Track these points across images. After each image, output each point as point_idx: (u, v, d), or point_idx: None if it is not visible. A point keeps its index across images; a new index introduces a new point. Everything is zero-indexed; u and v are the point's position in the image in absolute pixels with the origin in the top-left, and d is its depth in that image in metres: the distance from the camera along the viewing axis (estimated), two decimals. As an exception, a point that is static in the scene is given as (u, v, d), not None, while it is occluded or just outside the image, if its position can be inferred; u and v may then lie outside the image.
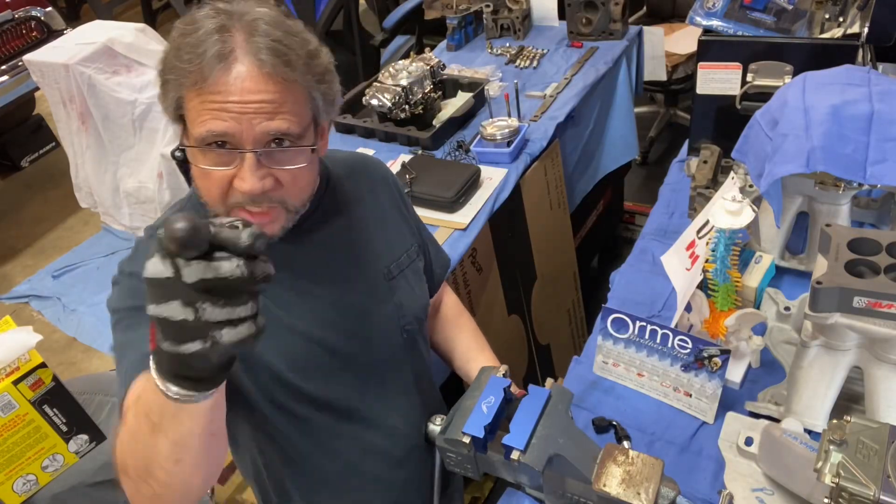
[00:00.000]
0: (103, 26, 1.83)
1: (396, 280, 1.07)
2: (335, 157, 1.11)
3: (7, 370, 1.31)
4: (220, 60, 0.78)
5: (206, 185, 0.85)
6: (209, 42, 0.78)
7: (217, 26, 0.79)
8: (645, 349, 1.12)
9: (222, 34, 0.78)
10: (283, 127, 0.81)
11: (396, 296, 1.07)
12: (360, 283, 1.04)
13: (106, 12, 5.29)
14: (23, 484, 1.36)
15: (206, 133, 0.80)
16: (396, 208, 1.13)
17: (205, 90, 0.79)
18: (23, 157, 3.81)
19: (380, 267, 1.06)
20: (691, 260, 1.18)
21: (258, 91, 0.79)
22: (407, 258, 1.11)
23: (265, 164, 0.82)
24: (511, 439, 0.86)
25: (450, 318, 1.30)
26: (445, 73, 2.07)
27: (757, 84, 1.43)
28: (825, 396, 0.99)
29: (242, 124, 0.79)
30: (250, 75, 0.79)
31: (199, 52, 0.78)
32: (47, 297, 1.77)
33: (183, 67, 0.79)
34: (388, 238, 1.09)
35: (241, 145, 0.81)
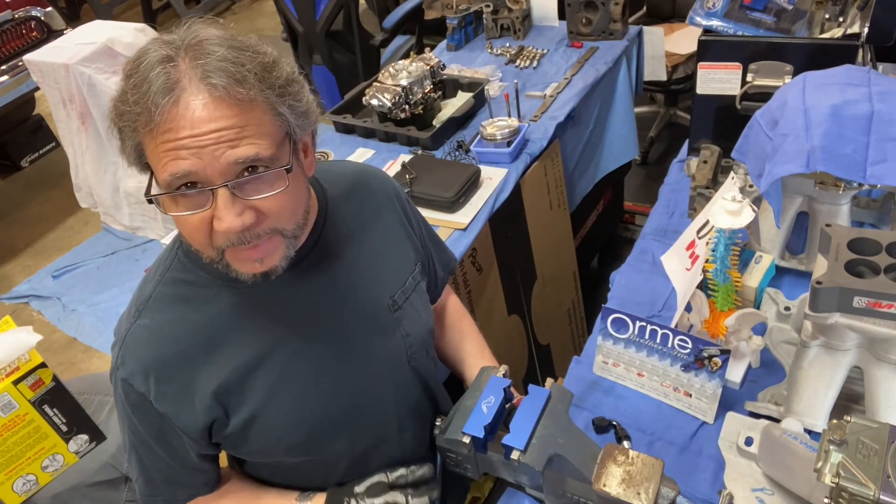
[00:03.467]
0: (103, 26, 1.83)
1: (402, 310, 1.03)
2: (334, 175, 1.05)
3: (7, 370, 1.31)
4: (166, 94, 0.71)
5: (188, 233, 0.80)
6: (152, 77, 0.71)
7: (160, 58, 0.72)
8: (645, 349, 1.12)
9: (165, 65, 0.72)
10: (251, 153, 0.74)
11: (402, 326, 1.03)
12: (365, 324, 0.99)
13: (106, 12, 5.29)
14: (23, 484, 1.36)
15: (169, 177, 0.74)
16: (402, 226, 1.09)
17: (157, 131, 0.72)
18: (23, 157, 3.81)
19: (384, 299, 1.01)
20: (691, 260, 1.18)
21: (213, 119, 0.72)
22: (412, 281, 1.06)
23: (241, 196, 0.76)
24: (511, 439, 0.86)
25: (453, 323, 1.29)
26: (445, 73, 2.07)
27: (757, 84, 1.43)
28: (825, 396, 0.98)
29: (204, 159, 0.72)
30: (202, 103, 0.71)
31: (143, 90, 0.71)
32: (47, 297, 1.77)
33: (129, 111, 0.73)
34: (393, 264, 1.05)
35: (211, 182, 0.74)
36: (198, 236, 0.79)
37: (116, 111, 0.75)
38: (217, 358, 0.90)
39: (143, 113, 0.72)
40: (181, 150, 0.72)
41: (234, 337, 0.90)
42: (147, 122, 0.72)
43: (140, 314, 0.90)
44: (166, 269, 0.92)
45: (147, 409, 0.90)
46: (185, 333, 0.89)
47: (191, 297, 0.90)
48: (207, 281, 0.90)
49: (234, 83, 0.73)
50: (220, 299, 0.90)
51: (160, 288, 0.91)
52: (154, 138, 0.73)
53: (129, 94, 0.73)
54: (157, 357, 0.88)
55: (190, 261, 0.91)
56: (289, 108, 0.79)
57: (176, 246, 0.93)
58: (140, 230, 1.89)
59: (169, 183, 0.74)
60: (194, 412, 0.90)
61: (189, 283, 0.91)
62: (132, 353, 0.89)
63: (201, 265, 0.89)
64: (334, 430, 0.98)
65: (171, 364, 0.88)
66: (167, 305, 0.90)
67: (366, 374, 0.99)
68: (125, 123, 0.74)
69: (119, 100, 0.75)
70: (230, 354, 0.90)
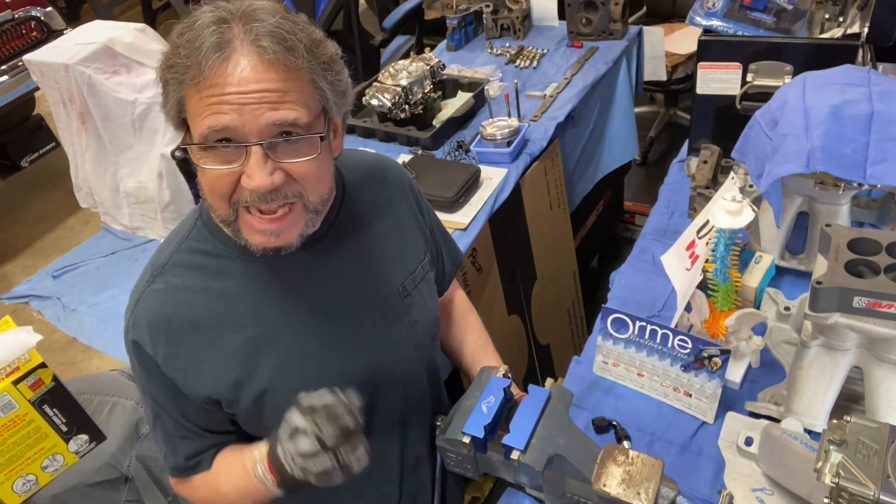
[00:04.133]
0: (103, 26, 1.83)
1: (411, 297, 1.04)
2: (352, 163, 1.06)
3: (7, 370, 1.31)
4: (217, 51, 0.74)
5: (212, 187, 0.81)
6: (206, 34, 0.75)
7: (214, 19, 0.76)
8: (645, 349, 1.12)
9: (220, 25, 0.75)
10: (290, 117, 0.77)
11: (411, 313, 1.04)
12: (376, 307, 1.01)
13: (106, 12, 5.29)
14: (23, 484, 1.36)
15: (206, 130, 0.76)
16: (413, 216, 1.10)
17: (203, 84, 0.75)
18: (23, 157, 3.81)
19: (395, 285, 1.03)
20: (691, 260, 1.18)
21: (260, 80, 0.75)
22: (421, 271, 1.07)
23: (273, 157, 0.78)
24: (511, 439, 0.86)
25: (459, 318, 1.29)
26: (445, 73, 2.07)
27: (757, 84, 1.43)
28: (825, 396, 0.98)
29: (245, 116, 0.75)
30: (250, 64, 0.75)
31: (196, 45, 0.74)
32: (47, 297, 1.76)
33: (180, 63, 0.76)
34: (404, 251, 1.06)
35: (246, 139, 0.77)
36: (220, 189, 0.80)
37: (166, 63, 0.78)
38: (228, 329, 0.91)
39: (192, 66, 0.75)
40: (224, 105, 0.75)
41: (245, 310, 0.91)
42: (195, 75, 0.75)
43: (154, 279, 0.91)
44: (185, 237, 0.93)
45: (159, 374, 0.91)
46: (197, 301, 0.90)
47: (206, 266, 0.91)
48: (224, 252, 0.91)
49: (285, 50, 0.76)
50: (235, 272, 0.91)
51: (177, 255, 0.92)
52: (199, 91, 0.76)
53: (181, 48, 0.76)
54: (167, 320, 0.89)
55: (209, 231, 0.92)
56: (329, 84, 0.82)
57: (196, 216, 0.94)
58: (140, 230, 1.89)
59: (206, 136, 0.77)
60: (201, 382, 0.91)
61: (206, 252, 0.92)
62: (143, 315, 0.90)
63: (220, 236, 0.91)
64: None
65: (181, 329, 0.89)
66: (182, 272, 0.91)
67: (374, 356, 1.00)
68: (173, 75, 0.77)
69: (171, 53, 0.77)
70: (241, 327, 0.91)
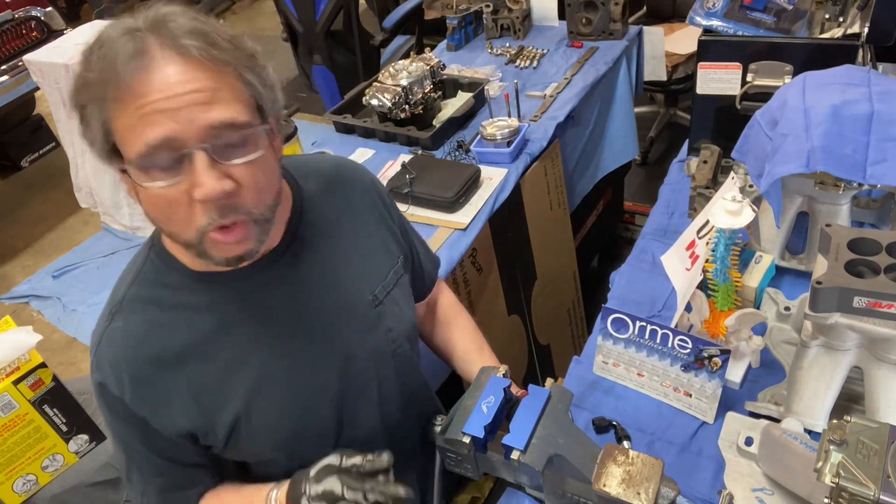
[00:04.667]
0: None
1: (384, 304, 1.01)
2: (309, 169, 1.01)
3: (7, 370, 1.31)
4: (135, 58, 0.68)
5: (166, 212, 0.75)
6: (118, 46, 0.68)
7: (124, 30, 0.70)
8: (645, 349, 1.12)
9: (132, 34, 0.70)
10: (227, 116, 0.72)
11: (385, 321, 1.01)
12: (348, 319, 0.97)
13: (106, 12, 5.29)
14: (23, 484, 1.36)
15: (143, 147, 0.69)
16: (381, 219, 1.06)
17: (128, 98, 0.69)
18: (23, 157, 3.81)
19: (366, 295, 1.00)
20: (691, 260, 1.18)
21: (188, 81, 0.69)
22: (394, 276, 1.05)
23: (219, 161, 0.72)
24: (511, 439, 0.86)
25: (448, 319, 1.28)
26: (445, 73, 2.07)
27: (757, 84, 1.43)
28: (825, 396, 0.98)
29: (180, 122, 0.69)
30: (175, 66, 0.69)
31: (110, 59, 0.68)
32: (47, 297, 1.77)
33: (96, 79, 0.69)
34: (373, 258, 1.03)
35: (186, 146, 0.71)
36: (178, 212, 0.74)
37: (80, 83, 0.71)
38: (193, 360, 0.88)
39: (110, 80, 0.69)
40: (155, 115, 0.69)
41: (210, 338, 0.88)
42: (115, 90, 0.69)
43: (113, 317, 0.88)
44: (139, 270, 0.90)
45: (126, 414, 0.88)
46: (159, 335, 0.87)
47: (164, 299, 0.88)
48: (182, 282, 0.88)
49: (207, 45, 0.71)
50: (196, 301, 0.88)
51: (133, 289, 0.89)
52: (124, 108, 0.69)
53: (93, 64, 0.70)
54: (130, 359, 0.86)
55: (163, 262, 0.89)
56: (258, 78, 0.77)
57: (148, 247, 0.91)
58: (140, 230, 1.89)
59: (143, 154, 0.70)
60: (173, 417, 0.88)
61: (163, 284, 0.89)
62: (106, 356, 0.87)
63: (176, 266, 0.88)
64: (320, 426, 0.97)
65: (146, 366, 0.86)
66: (141, 307, 0.88)
67: (349, 369, 0.98)
68: (91, 96, 0.70)
69: (82, 72, 0.71)
70: (207, 356, 0.88)
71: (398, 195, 1.71)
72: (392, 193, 1.72)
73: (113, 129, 0.71)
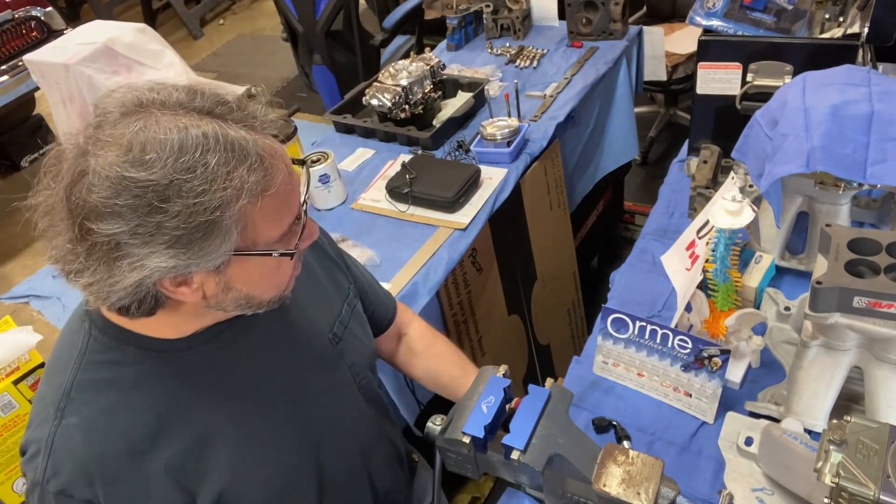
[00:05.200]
0: (103, 26, 1.83)
1: (343, 340, 1.01)
2: None
3: (7, 370, 1.31)
4: (260, 167, 0.71)
5: (276, 276, 0.80)
6: (240, 155, 0.69)
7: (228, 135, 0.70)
8: (645, 349, 1.12)
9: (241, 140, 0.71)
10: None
11: (346, 357, 1.01)
12: (312, 364, 0.96)
13: (106, 12, 5.30)
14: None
15: (285, 226, 0.76)
16: (323, 254, 1.06)
17: (261, 195, 0.71)
18: (23, 157, 3.81)
19: (325, 334, 0.98)
20: (691, 260, 1.18)
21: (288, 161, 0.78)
22: (348, 308, 1.04)
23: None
24: (511, 439, 0.86)
25: (425, 349, 1.24)
26: (445, 73, 2.07)
27: (757, 84, 1.43)
28: (825, 396, 0.98)
29: (298, 199, 0.79)
30: (285, 161, 0.76)
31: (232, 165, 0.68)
32: (47, 297, 1.76)
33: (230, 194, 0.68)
34: (324, 296, 1.01)
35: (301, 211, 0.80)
36: (286, 271, 0.81)
37: (235, 190, 0.68)
38: (165, 440, 0.81)
39: (256, 177, 0.71)
40: (287, 197, 0.76)
41: (178, 411, 0.82)
42: (264, 184, 0.71)
43: (63, 413, 0.78)
44: (81, 353, 0.80)
45: None
46: (124, 422, 0.79)
47: (119, 380, 0.80)
48: (136, 357, 0.80)
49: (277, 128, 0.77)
50: (156, 375, 0.81)
51: (80, 376, 0.79)
52: (256, 203, 0.71)
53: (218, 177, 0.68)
54: (98, 457, 0.78)
55: (111, 337, 0.80)
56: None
57: (87, 325, 0.82)
58: (140, 230, 1.89)
59: (285, 232, 0.76)
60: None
61: (113, 363, 0.80)
62: (67, 460, 0.77)
63: (128, 339, 0.80)
64: (305, 477, 0.95)
65: (117, 461, 0.78)
66: (94, 395, 0.79)
67: (322, 414, 0.96)
68: (244, 199, 0.70)
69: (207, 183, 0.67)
70: (179, 431, 0.82)
71: (398, 195, 1.71)
72: (392, 193, 1.72)
73: (247, 227, 0.72)
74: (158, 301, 0.74)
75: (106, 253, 0.67)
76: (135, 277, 0.67)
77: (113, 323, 0.80)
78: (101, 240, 0.66)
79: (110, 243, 0.66)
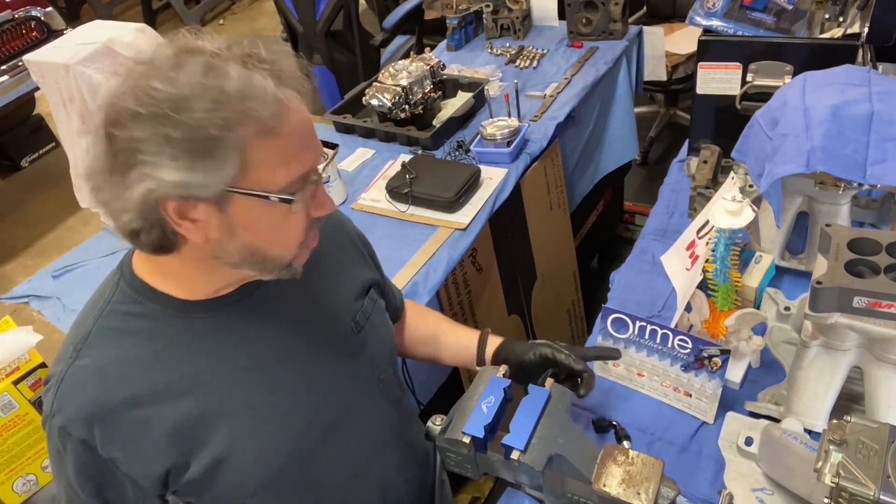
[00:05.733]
0: (103, 26, 1.83)
1: (365, 331, 1.00)
2: None
3: (7, 370, 1.31)
4: (277, 102, 0.73)
5: (278, 234, 0.79)
6: (255, 85, 0.72)
7: (243, 68, 0.73)
8: (645, 349, 1.12)
9: (258, 71, 0.73)
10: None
11: (368, 348, 1.00)
12: (331, 347, 0.95)
13: (106, 12, 5.30)
14: (23, 484, 1.36)
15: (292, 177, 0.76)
16: (354, 247, 1.06)
17: (271, 137, 0.73)
18: (23, 157, 3.82)
19: (347, 321, 0.98)
20: (691, 260, 1.18)
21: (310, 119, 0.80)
22: (370, 301, 1.03)
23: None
24: (511, 439, 0.86)
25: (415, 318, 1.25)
26: (445, 73, 2.07)
27: (757, 84, 1.43)
28: (825, 396, 0.99)
29: (316, 154, 0.80)
30: (303, 108, 0.78)
31: (245, 97, 0.70)
32: (47, 297, 1.77)
33: (232, 118, 0.70)
34: (351, 287, 1.01)
35: (316, 173, 0.80)
36: (291, 232, 0.80)
37: (209, 113, 0.70)
38: (170, 399, 0.82)
39: (250, 120, 0.72)
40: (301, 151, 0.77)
41: (190, 373, 0.83)
42: (258, 128, 0.72)
43: (78, 354, 0.81)
44: (107, 301, 0.83)
45: (86, 460, 0.81)
46: (132, 372, 0.81)
47: (137, 331, 0.82)
48: (157, 312, 0.82)
49: (304, 77, 0.79)
50: (173, 332, 0.83)
51: (101, 322, 0.82)
52: (267, 145, 0.73)
53: (223, 102, 0.70)
54: (101, 401, 0.79)
55: (136, 291, 0.83)
56: None
57: (117, 277, 0.85)
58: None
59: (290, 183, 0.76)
60: (147, 458, 0.82)
61: (135, 315, 0.82)
62: (71, 399, 0.80)
63: (151, 295, 0.82)
64: (307, 464, 0.94)
65: (119, 407, 0.80)
66: (109, 341, 0.82)
67: (337, 399, 0.95)
68: (229, 131, 0.71)
69: (207, 102, 0.70)
70: (185, 394, 0.82)
71: (398, 195, 1.71)
72: (392, 193, 1.72)
73: (250, 161, 0.72)
74: (166, 234, 0.75)
75: (123, 163, 0.70)
76: (141, 190, 0.70)
77: (139, 278, 0.83)
78: (121, 146, 0.70)
79: (127, 151, 0.70)
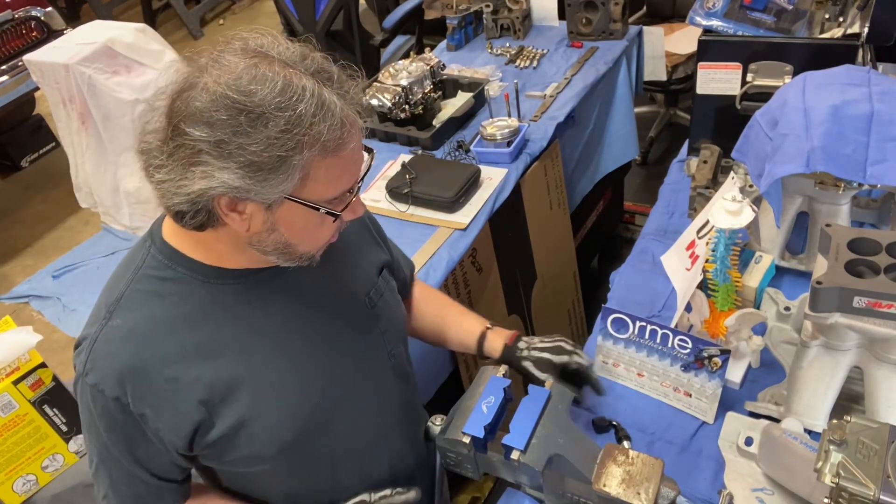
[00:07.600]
0: (103, 26, 1.83)
1: (378, 307, 1.04)
2: None
3: (7, 370, 1.31)
4: (342, 127, 0.78)
5: (313, 233, 0.86)
6: (329, 99, 0.77)
7: (319, 92, 0.77)
8: (645, 349, 1.12)
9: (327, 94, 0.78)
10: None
11: (381, 323, 1.04)
12: (347, 320, 1.00)
13: (106, 12, 5.29)
14: (23, 484, 1.36)
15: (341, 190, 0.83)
16: (366, 229, 1.10)
17: (331, 155, 0.79)
18: (23, 157, 3.81)
19: (361, 296, 1.02)
20: (691, 260, 1.18)
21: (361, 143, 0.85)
22: (383, 281, 1.07)
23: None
24: (511, 439, 0.86)
25: (424, 299, 1.27)
26: (445, 73, 2.07)
27: (757, 84, 1.43)
28: (825, 396, 0.99)
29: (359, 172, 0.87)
30: (359, 135, 0.83)
31: (319, 118, 0.76)
32: (47, 297, 1.77)
33: (311, 137, 0.76)
34: (365, 264, 1.06)
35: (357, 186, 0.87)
36: (324, 232, 0.87)
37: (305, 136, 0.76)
38: (198, 357, 0.86)
39: (327, 140, 0.77)
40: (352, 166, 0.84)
41: (216, 336, 0.88)
42: (323, 146, 0.77)
43: (111, 315, 0.86)
44: (138, 266, 0.88)
45: (117, 416, 0.85)
46: (162, 332, 0.86)
47: (167, 294, 0.87)
48: (186, 277, 0.87)
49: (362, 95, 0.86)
50: (201, 297, 0.87)
51: (133, 285, 0.87)
52: (325, 160, 0.79)
53: (304, 118, 0.75)
54: (133, 359, 0.84)
55: (166, 257, 0.87)
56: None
57: (147, 243, 0.90)
58: (140, 230, 1.89)
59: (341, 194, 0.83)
60: (176, 415, 0.86)
61: (165, 279, 0.87)
62: (104, 357, 0.85)
63: (181, 261, 0.87)
64: (324, 426, 0.97)
65: (150, 366, 0.84)
66: (141, 304, 0.86)
67: (350, 369, 0.99)
68: (303, 147, 0.76)
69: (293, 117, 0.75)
70: (212, 353, 0.87)
71: (398, 195, 1.71)
72: (392, 193, 1.72)
73: (309, 177, 0.79)
74: (210, 218, 0.80)
75: (187, 157, 0.75)
76: (201, 185, 0.75)
77: (169, 244, 0.88)
78: (187, 142, 0.74)
79: (193, 148, 0.74)
